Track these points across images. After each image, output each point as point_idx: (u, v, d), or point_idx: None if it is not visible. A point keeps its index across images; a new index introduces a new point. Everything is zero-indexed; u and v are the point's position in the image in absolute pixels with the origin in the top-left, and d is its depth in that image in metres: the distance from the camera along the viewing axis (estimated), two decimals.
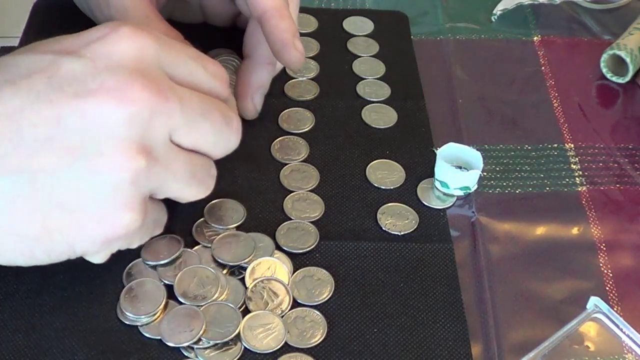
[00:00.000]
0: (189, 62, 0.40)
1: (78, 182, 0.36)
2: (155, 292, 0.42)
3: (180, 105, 0.38)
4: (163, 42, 0.39)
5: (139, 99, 0.36)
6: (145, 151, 0.37)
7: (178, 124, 0.38)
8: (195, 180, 0.40)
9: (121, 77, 0.36)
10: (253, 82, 0.51)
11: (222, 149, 0.41)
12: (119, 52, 0.37)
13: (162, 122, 0.37)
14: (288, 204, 0.48)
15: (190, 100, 0.39)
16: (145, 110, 0.36)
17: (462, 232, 0.48)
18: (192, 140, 0.39)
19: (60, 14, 0.56)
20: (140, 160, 0.36)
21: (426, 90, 0.56)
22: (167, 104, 0.37)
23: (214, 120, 0.40)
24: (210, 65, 0.41)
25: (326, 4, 0.64)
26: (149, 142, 0.37)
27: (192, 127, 0.39)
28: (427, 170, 0.50)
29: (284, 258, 0.45)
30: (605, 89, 0.59)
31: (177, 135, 0.38)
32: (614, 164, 0.53)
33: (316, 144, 0.52)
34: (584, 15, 0.64)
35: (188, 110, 0.38)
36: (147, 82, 0.37)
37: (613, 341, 0.43)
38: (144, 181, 0.37)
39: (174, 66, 0.39)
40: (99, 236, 0.37)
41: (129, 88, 0.36)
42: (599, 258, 0.47)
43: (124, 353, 0.40)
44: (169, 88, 0.38)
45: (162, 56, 0.38)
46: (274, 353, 0.40)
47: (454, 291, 0.44)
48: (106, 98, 0.36)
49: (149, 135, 0.37)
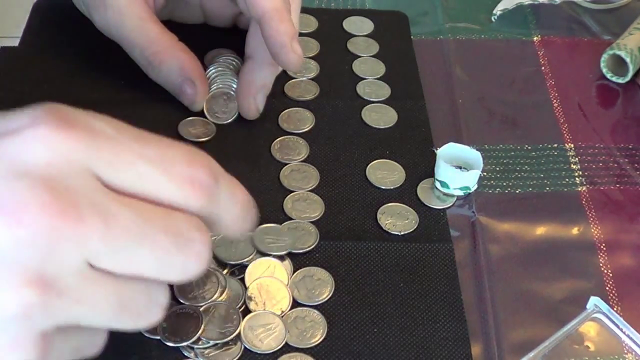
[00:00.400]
0: (139, 167, 0.32)
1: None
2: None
3: (104, 227, 0.30)
4: (100, 142, 0.31)
5: (35, 222, 0.29)
6: (42, 283, 0.30)
7: (99, 251, 0.30)
8: (127, 311, 0.32)
9: (20, 190, 0.29)
10: (256, 82, 0.51)
11: (173, 276, 0.33)
12: (29, 154, 0.30)
13: (71, 248, 0.30)
14: (288, 204, 0.48)
15: (122, 221, 0.31)
16: (41, 235, 0.29)
17: (462, 232, 0.48)
18: (122, 267, 0.31)
19: (60, 14, 0.56)
20: (30, 294, 0.29)
21: (426, 90, 0.56)
22: (80, 227, 0.30)
23: (156, 245, 0.32)
24: (180, 167, 0.33)
25: (326, 4, 0.64)
26: (50, 271, 0.30)
27: (121, 254, 0.31)
28: (427, 170, 0.50)
29: (284, 258, 0.45)
30: (605, 89, 0.59)
31: (101, 263, 0.31)
32: (614, 164, 0.53)
33: (316, 144, 0.52)
34: (584, 15, 0.64)
35: (115, 234, 0.31)
36: (51, 200, 0.29)
37: (613, 341, 0.43)
38: (39, 317, 0.30)
39: (113, 171, 0.31)
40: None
41: (25, 207, 0.29)
42: (599, 258, 0.47)
43: (124, 353, 0.40)
44: (88, 205, 0.30)
45: (94, 160, 0.31)
46: (274, 353, 0.40)
47: (454, 291, 0.44)
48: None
49: (50, 264, 0.30)
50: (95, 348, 0.35)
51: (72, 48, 0.55)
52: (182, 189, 0.33)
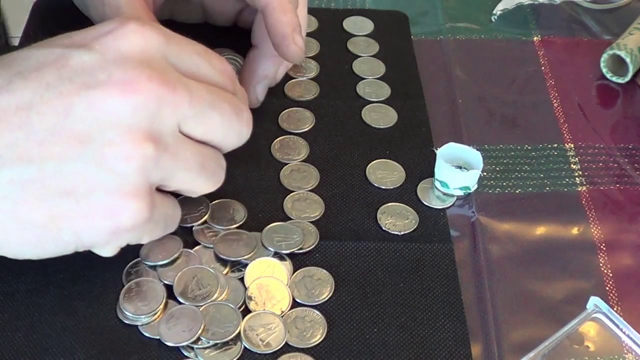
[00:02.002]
0: (194, 57, 0.40)
1: (86, 170, 0.36)
2: (155, 292, 0.42)
3: (189, 96, 0.38)
4: (169, 37, 0.39)
5: (146, 89, 0.37)
6: (153, 139, 0.37)
7: (187, 115, 0.38)
8: (205, 171, 0.40)
9: (129, 69, 0.37)
10: (258, 72, 0.51)
11: (232, 141, 0.42)
12: (126, 45, 0.38)
13: (170, 112, 0.38)
14: (288, 204, 0.48)
15: (199, 92, 0.39)
16: (152, 100, 0.37)
17: (462, 232, 0.48)
18: (201, 131, 0.40)
19: (60, 14, 0.56)
20: (148, 148, 0.37)
21: (426, 90, 0.56)
22: (175, 95, 0.38)
23: (223, 111, 0.40)
24: (216, 60, 0.42)
25: (326, 4, 0.64)
26: (157, 131, 0.37)
27: (201, 118, 0.39)
28: (427, 170, 0.50)
29: (284, 258, 0.45)
30: (605, 89, 0.59)
31: (186, 126, 0.39)
32: (614, 164, 0.53)
33: (316, 144, 0.52)
34: (584, 15, 0.64)
35: (196, 102, 0.39)
36: (154, 74, 0.37)
37: (613, 341, 0.43)
38: (152, 170, 0.37)
39: (180, 60, 0.39)
40: (105, 226, 0.37)
41: (136, 79, 0.37)
42: (599, 258, 0.47)
43: (124, 352, 0.40)
44: (176, 79, 0.38)
45: (168, 50, 0.39)
46: (274, 353, 0.40)
47: (454, 291, 0.44)
48: (113, 89, 0.36)
49: (157, 124, 0.37)
50: (175, 224, 0.42)
51: None
52: (222, 77, 0.41)
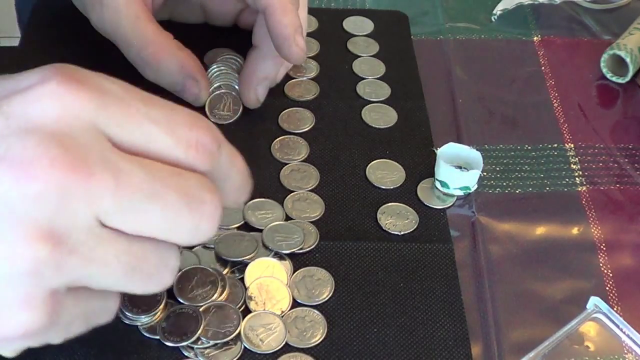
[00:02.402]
0: (145, 127, 0.32)
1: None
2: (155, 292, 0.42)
3: (113, 184, 0.30)
4: (109, 101, 0.31)
5: (45, 176, 0.29)
6: (53, 238, 0.30)
7: (110, 208, 0.30)
8: (137, 274, 0.32)
9: (30, 146, 0.29)
10: (259, 72, 0.51)
11: (184, 237, 0.33)
12: (40, 111, 0.30)
13: (83, 205, 0.30)
14: (288, 204, 0.48)
15: (133, 178, 0.31)
16: (53, 190, 0.29)
17: (462, 232, 0.48)
18: (133, 227, 0.31)
19: (60, 14, 0.56)
20: (42, 249, 0.29)
21: (426, 90, 0.56)
22: (90, 183, 0.30)
23: (166, 204, 0.31)
24: (183, 130, 0.33)
25: (326, 4, 0.64)
26: (61, 227, 0.30)
27: (131, 212, 0.31)
28: (427, 170, 0.50)
29: (284, 258, 0.45)
30: (605, 89, 0.59)
31: (110, 220, 0.31)
32: (614, 164, 0.53)
33: (316, 144, 0.52)
34: (584, 15, 0.64)
35: (126, 192, 0.30)
36: (61, 155, 0.29)
37: (613, 341, 0.43)
38: (50, 274, 0.30)
39: (121, 130, 0.31)
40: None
41: (36, 161, 0.29)
42: (599, 258, 0.47)
43: (124, 352, 0.40)
44: (99, 161, 0.30)
45: (102, 118, 0.31)
46: (274, 353, 0.40)
47: (454, 291, 0.44)
48: (7, 171, 0.29)
49: (61, 219, 0.30)
50: (107, 315, 0.35)
51: (71, 48, 0.55)
52: (188, 152, 0.32)
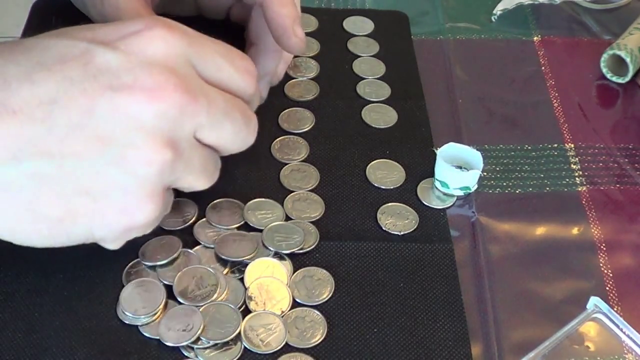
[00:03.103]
0: (217, 60, 0.41)
1: (106, 170, 0.37)
2: (155, 292, 0.42)
3: (207, 105, 0.39)
4: (193, 41, 0.40)
5: (170, 98, 0.37)
6: (172, 145, 0.38)
7: (203, 123, 0.39)
8: (206, 172, 0.41)
9: (155, 75, 0.37)
10: (259, 69, 0.51)
11: (238, 147, 0.42)
12: (152, 49, 0.38)
13: (189, 120, 0.38)
14: (288, 204, 0.48)
15: (216, 101, 0.40)
16: (175, 109, 0.37)
17: (462, 232, 0.48)
18: (213, 138, 0.40)
19: (60, 14, 0.56)
20: (167, 154, 0.37)
21: (426, 90, 0.56)
22: (196, 104, 0.38)
23: (235, 120, 0.41)
24: (239, 60, 0.42)
25: (326, 4, 0.64)
26: (176, 137, 0.38)
27: (215, 126, 0.40)
28: (427, 170, 0.50)
29: (284, 258, 0.45)
30: (605, 89, 0.59)
31: (201, 133, 0.39)
32: (614, 164, 0.53)
33: (316, 144, 0.52)
34: (584, 15, 0.64)
35: (214, 111, 0.39)
36: (178, 82, 0.38)
37: (613, 341, 0.43)
38: (168, 173, 0.38)
39: (203, 63, 0.40)
40: (119, 225, 0.38)
41: (162, 87, 0.37)
42: (599, 258, 0.47)
43: (124, 352, 0.40)
44: (198, 88, 0.39)
45: (192, 54, 0.39)
46: (274, 353, 0.40)
47: (454, 291, 0.44)
48: (139, 94, 0.37)
49: (176, 131, 0.38)
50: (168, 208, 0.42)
51: None
52: (244, 77, 0.42)
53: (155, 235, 0.44)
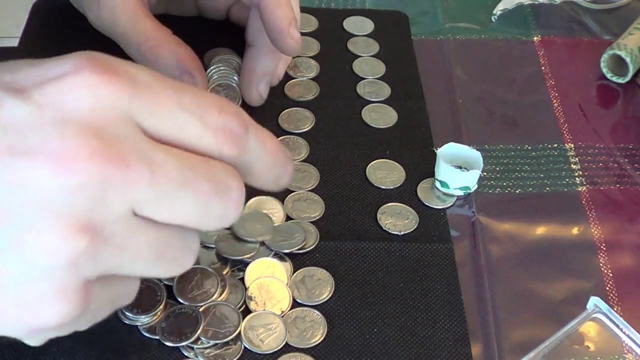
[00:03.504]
0: (177, 115, 0.32)
1: (1, 256, 0.29)
2: (155, 292, 0.42)
3: (149, 175, 0.30)
4: (141, 90, 0.31)
5: (85, 169, 0.29)
6: (90, 230, 0.29)
7: (144, 198, 0.30)
8: (164, 260, 0.33)
9: (68, 137, 0.29)
10: (258, 69, 0.52)
11: (211, 224, 0.33)
12: (73, 102, 0.30)
13: (119, 196, 0.30)
14: (288, 204, 0.48)
15: (165, 168, 0.31)
16: (92, 183, 0.29)
17: (462, 232, 0.48)
18: (165, 216, 0.31)
19: (60, 14, 0.56)
20: (80, 241, 0.29)
21: (426, 90, 0.56)
22: (128, 174, 0.30)
23: (198, 191, 0.32)
24: (214, 115, 0.33)
25: (326, 4, 0.64)
26: (98, 219, 0.30)
27: (164, 201, 0.31)
28: (427, 170, 0.50)
29: (284, 258, 0.45)
30: (605, 89, 0.59)
31: (145, 211, 0.31)
32: (614, 164, 0.53)
33: (316, 144, 0.52)
34: (584, 15, 0.64)
35: (160, 182, 0.30)
36: (100, 147, 0.29)
37: (613, 341, 0.43)
38: (86, 265, 0.30)
39: (153, 119, 0.31)
40: (21, 325, 0.31)
41: (74, 154, 0.29)
42: (599, 258, 0.47)
43: (124, 353, 0.40)
44: (134, 152, 0.30)
45: (135, 108, 0.31)
46: (274, 353, 0.40)
47: (454, 291, 0.44)
48: (44, 162, 0.29)
49: (98, 211, 0.30)
50: (129, 297, 0.35)
51: (71, 47, 0.55)
52: (217, 137, 0.32)
53: None
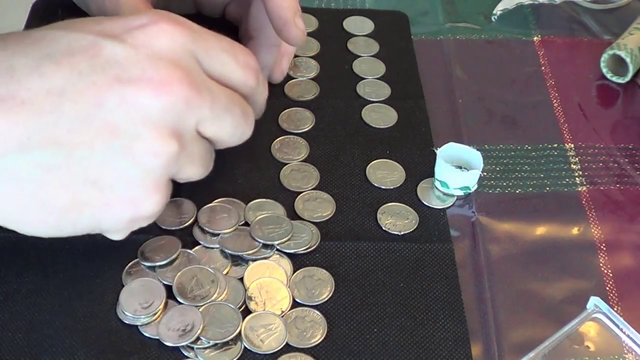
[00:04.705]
0: (221, 55, 0.41)
1: (113, 161, 0.37)
2: (155, 292, 0.42)
3: (211, 100, 0.39)
4: (198, 36, 0.40)
5: (177, 91, 0.38)
6: (177, 138, 0.38)
7: (206, 117, 0.40)
8: (203, 163, 0.42)
9: (161, 69, 0.38)
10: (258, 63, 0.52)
11: (236, 140, 0.43)
12: (158, 43, 0.39)
13: (194, 113, 0.39)
14: (299, 204, 0.48)
15: (219, 95, 0.40)
16: (181, 102, 0.38)
17: (462, 232, 0.48)
18: (213, 131, 0.41)
19: (60, 14, 0.56)
20: (173, 146, 0.38)
21: (426, 90, 0.56)
22: (200, 98, 0.39)
23: (235, 114, 0.41)
24: (242, 55, 0.43)
25: (326, 4, 0.64)
26: (181, 130, 0.39)
27: (216, 120, 0.40)
28: (427, 170, 0.50)
29: (284, 258, 0.45)
30: (605, 89, 0.59)
31: (202, 126, 0.40)
32: (614, 164, 0.53)
33: (316, 144, 0.52)
34: (584, 15, 0.64)
35: (216, 105, 0.40)
36: (184, 76, 0.38)
37: (613, 341, 0.43)
38: (172, 165, 0.39)
39: (207, 59, 0.40)
40: (126, 216, 0.39)
41: (168, 80, 0.38)
42: (599, 258, 0.47)
43: (124, 353, 0.40)
44: (202, 82, 0.39)
45: (196, 50, 0.40)
46: (274, 353, 0.40)
47: (454, 291, 0.44)
48: (147, 87, 0.37)
49: (181, 124, 0.39)
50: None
51: None
52: (246, 72, 0.42)
53: (154, 235, 0.44)
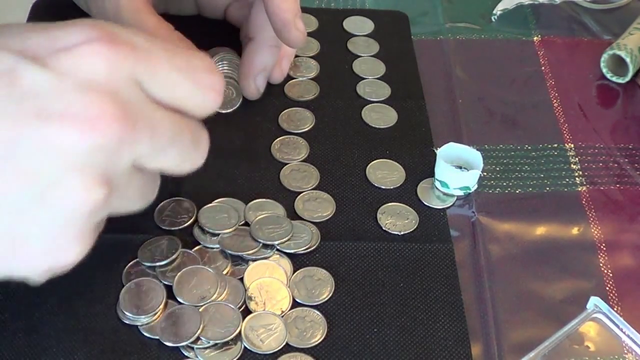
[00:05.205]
0: (172, 76, 0.35)
1: (29, 210, 0.32)
2: (155, 292, 0.42)
3: (151, 133, 0.34)
4: (143, 55, 0.34)
5: (107, 130, 0.32)
6: (107, 182, 0.33)
7: (145, 153, 0.34)
8: (143, 197, 0.38)
9: (89, 103, 0.32)
10: (256, 63, 0.52)
11: (185, 169, 0.38)
12: (89, 69, 0.33)
13: (128, 152, 0.33)
14: (299, 204, 0.48)
15: (162, 126, 0.35)
16: (112, 142, 0.32)
17: (462, 232, 0.48)
18: (155, 165, 0.36)
19: (60, 14, 0.56)
20: (101, 192, 0.33)
21: (426, 90, 0.56)
22: (137, 134, 0.33)
23: (183, 145, 0.36)
24: (204, 74, 0.37)
25: (326, 4, 0.64)
26: (111, 171, 0.33)
27: (158, 154, 0.35)
28: (427, 170, 0.50)
29: (284, 258, 0.45)
30: (605, 89, 0.59)
31: (141, 162, 0.35)
32: (614, 164, 0.53)
33: (316, 144, 0.52)
34: (584, 15, 0.64)
35: (157, 138, 0.34)
36: (117, 110, 0.32)
37: (613, 341, 0.43)
38: (100, 212, 0.34)
39: (153, 83, 0.35)
40: (42, 266, 0.34)
41: (98, 117, 0.32)
42: (599, 258, 0.47)
43: (124, 353, 0.40)
44: (141, 114, 0.34)
45: (140, 73, 0.34)
46: (274, 353, 0.40)
47: (454, 291, 0.44)
48: (71, 125, 0.32)
49: (112, 165, 0.33)
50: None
51: None
52: (206, 95, 0.36)
53: (154, 235, 0.44)
